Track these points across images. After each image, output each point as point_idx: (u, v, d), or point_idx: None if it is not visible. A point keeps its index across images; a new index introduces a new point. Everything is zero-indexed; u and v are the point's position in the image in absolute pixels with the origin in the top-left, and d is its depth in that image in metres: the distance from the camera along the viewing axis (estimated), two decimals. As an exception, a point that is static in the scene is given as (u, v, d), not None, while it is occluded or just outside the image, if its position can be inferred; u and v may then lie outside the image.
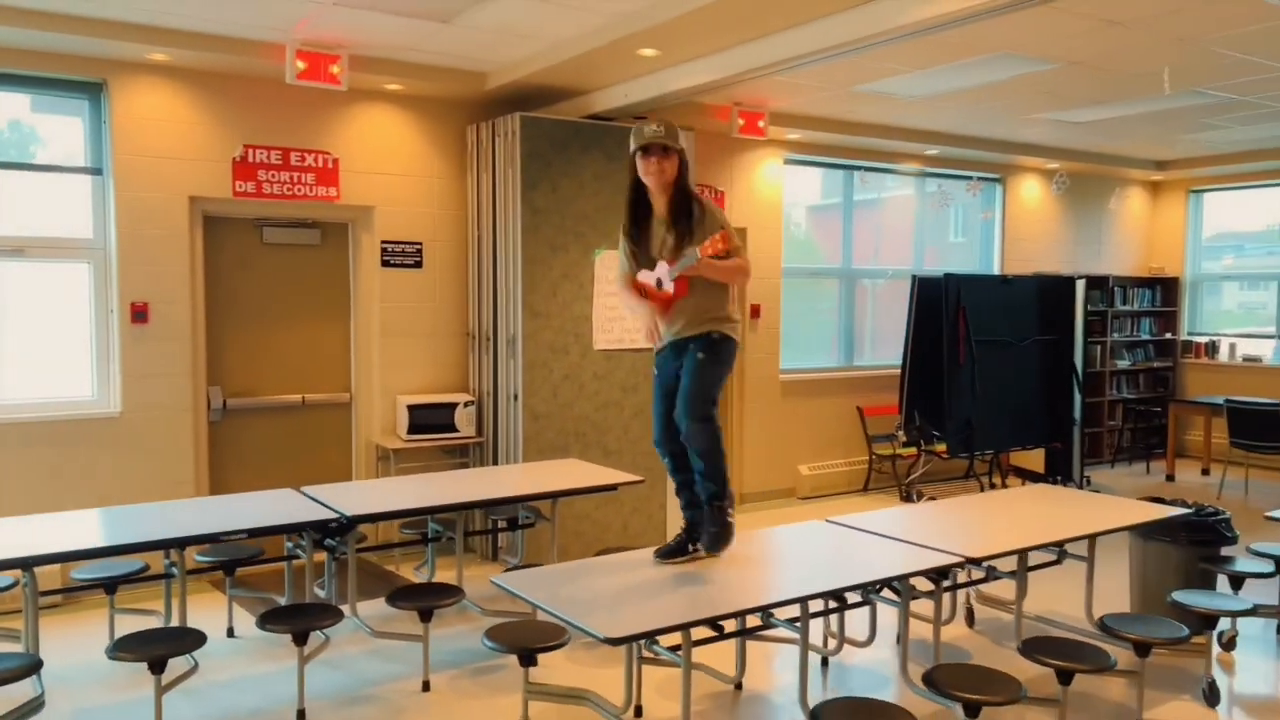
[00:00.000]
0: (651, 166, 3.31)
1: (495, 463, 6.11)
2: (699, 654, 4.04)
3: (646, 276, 3.46)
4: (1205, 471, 9.21)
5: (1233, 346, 9.98)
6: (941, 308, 7.54)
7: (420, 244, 6.23)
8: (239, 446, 5.92)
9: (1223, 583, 4.79)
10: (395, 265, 6.16)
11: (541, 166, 5.78)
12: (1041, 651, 3.54)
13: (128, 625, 4.24)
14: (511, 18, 4.79)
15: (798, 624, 3.37)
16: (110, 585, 4.44)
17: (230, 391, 5.87)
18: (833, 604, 3.80)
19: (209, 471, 5.75)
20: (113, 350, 5.41)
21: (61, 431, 5.25)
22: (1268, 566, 4.67)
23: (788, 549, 3.91)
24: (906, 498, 7.96)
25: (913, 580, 3.71)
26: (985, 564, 3.83)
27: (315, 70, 5.25)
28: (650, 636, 2.95)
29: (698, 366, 3.36)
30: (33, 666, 3.37)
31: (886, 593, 3.88)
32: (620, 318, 6.02)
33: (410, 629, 4.35)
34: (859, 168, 8.33)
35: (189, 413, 5.58)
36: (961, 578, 4.33)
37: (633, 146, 3.38)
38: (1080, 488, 7.97)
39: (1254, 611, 4.17)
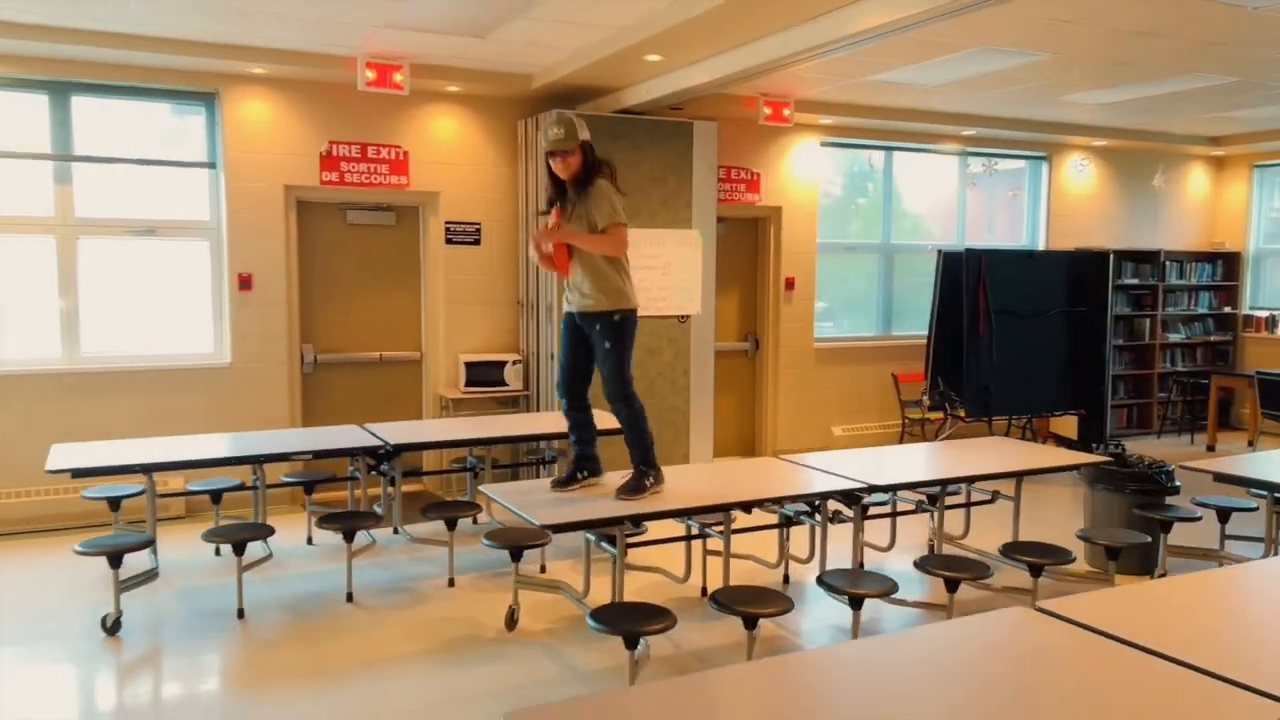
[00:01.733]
0: (558, 164, 4.04)
1: (537, 412, 7.07)
2: (665, 561, 4.91)
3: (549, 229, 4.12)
4: (1251, 444, 9.36)
5: (1293, 321, 10.02)
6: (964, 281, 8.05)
7: (479, 224, 7.22)
8: (327, 394, 7.07)
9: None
10: (458, 243, 7.18)
11: (575, 156, 6.65)
12: (935, 566, 4.24)
13: (226, 526, 5.39)
14: (533, 33, 5.68)
15: (722, 533, 4.18)
16: (216, 495, 5.62)
17: (320, 348, 7.02)
18: (771, 522, 4.58)
19: (302, 415, 6.92)
20: (224, 313, 6.62)
21: (184, 378, 6.49)
22: (1197, 513, 5.16)
23: (734, 475, 4.71)
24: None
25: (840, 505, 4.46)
26: (908, 492, 4.52)
27: (382, 78, 6.27)
28: (579, 529, 3.82)
29: (606, 356, 4.09)
30: (148, 542, 4.52)
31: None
32: (644, 288, 6.86)
33: (446, 540, 5.35)
34: (895, 149, 8.87)
35: (285, 365, 6.75)
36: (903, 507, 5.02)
37: (543, 147, 4.10)
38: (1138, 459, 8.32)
39: (1149, 543, 4.71)
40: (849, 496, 4.34)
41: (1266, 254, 10.34)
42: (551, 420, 6.08)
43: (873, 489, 4.34)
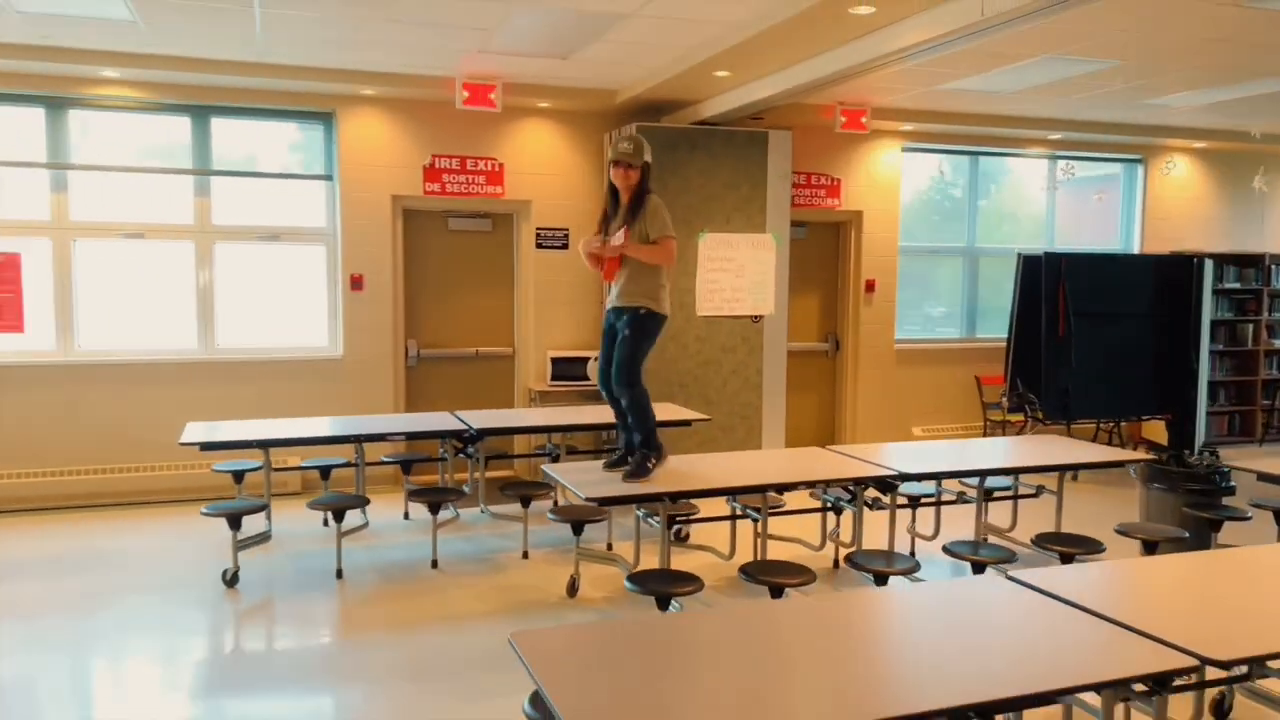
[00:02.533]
0: (619, 174, 4.49)
1: (619, 406, 7.54)
2: (720, 542, 5.30)
3: (612, 239, 4.55)
4: (1360, 454, 9.03)
5: None
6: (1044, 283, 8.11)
7: (566, 230, 7.75)
8: (429, 386, 7.73)
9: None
10: (547, 247, 7.73)
11: (654, 166, 7.09)
12: (961, 550, 4.50)
13: (332, 499, 6.06)
14: (610, 54, 6.16)
15: (757, 512, 4.55)
16: (325, 471, 6.31)
17: (423, 343, 7.69)
18: (812, 505, 4.91)
19: (405, 404, 7.59)
20: (338, 310, 7.35)
21: (302, 368, 7.24)
22: (1248, 514, 5.21)
23: (779, 462, 5.06)
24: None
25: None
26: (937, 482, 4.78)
27: (477, 97, 6.87)
28: (620, 502, 4.26)
29: (624, 342, 4.50)
30: (262, 507, 5.21)
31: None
32: (719, 289, 7.27)
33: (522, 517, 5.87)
34: (980, 153, 8.98)
35: (391, 358, 7.43)
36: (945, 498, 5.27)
37: (608, 157, 4.56)
38: (1198, 459, 8.24)
39: (1185, 540, 4.82)
40: (883, 483, 4.64)
41: (1386, 258, 9.91)
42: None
43: (904, 477, 4.62)
